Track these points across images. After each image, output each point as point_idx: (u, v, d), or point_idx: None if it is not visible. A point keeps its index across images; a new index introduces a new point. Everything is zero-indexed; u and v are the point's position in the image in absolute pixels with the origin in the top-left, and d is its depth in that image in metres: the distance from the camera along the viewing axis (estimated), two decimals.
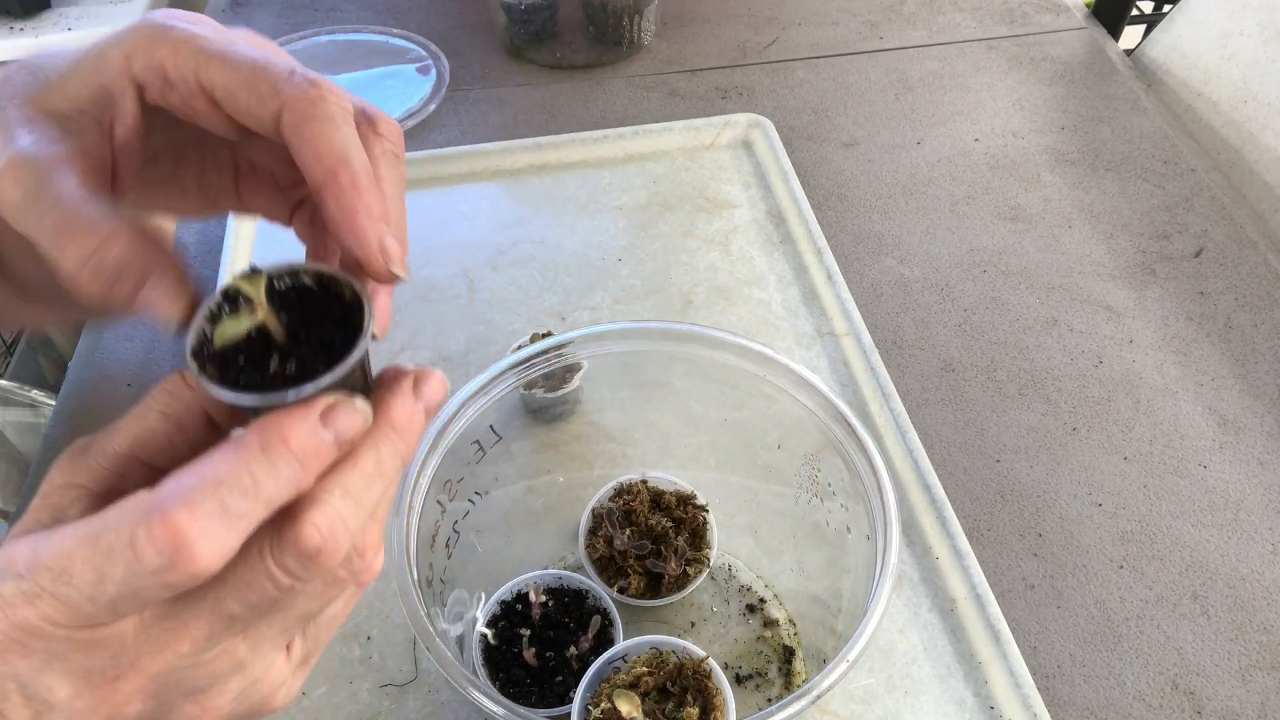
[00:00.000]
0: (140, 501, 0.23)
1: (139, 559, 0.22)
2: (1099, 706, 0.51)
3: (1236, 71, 0.85)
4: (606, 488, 0.55)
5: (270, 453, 0.24)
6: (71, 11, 1.46)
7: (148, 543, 0.22)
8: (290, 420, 0.24)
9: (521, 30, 0.94)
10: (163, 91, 0.29)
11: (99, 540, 0.23)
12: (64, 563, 0.23)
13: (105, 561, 0.22)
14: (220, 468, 0.23)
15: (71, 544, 0.23)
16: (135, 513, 0.23)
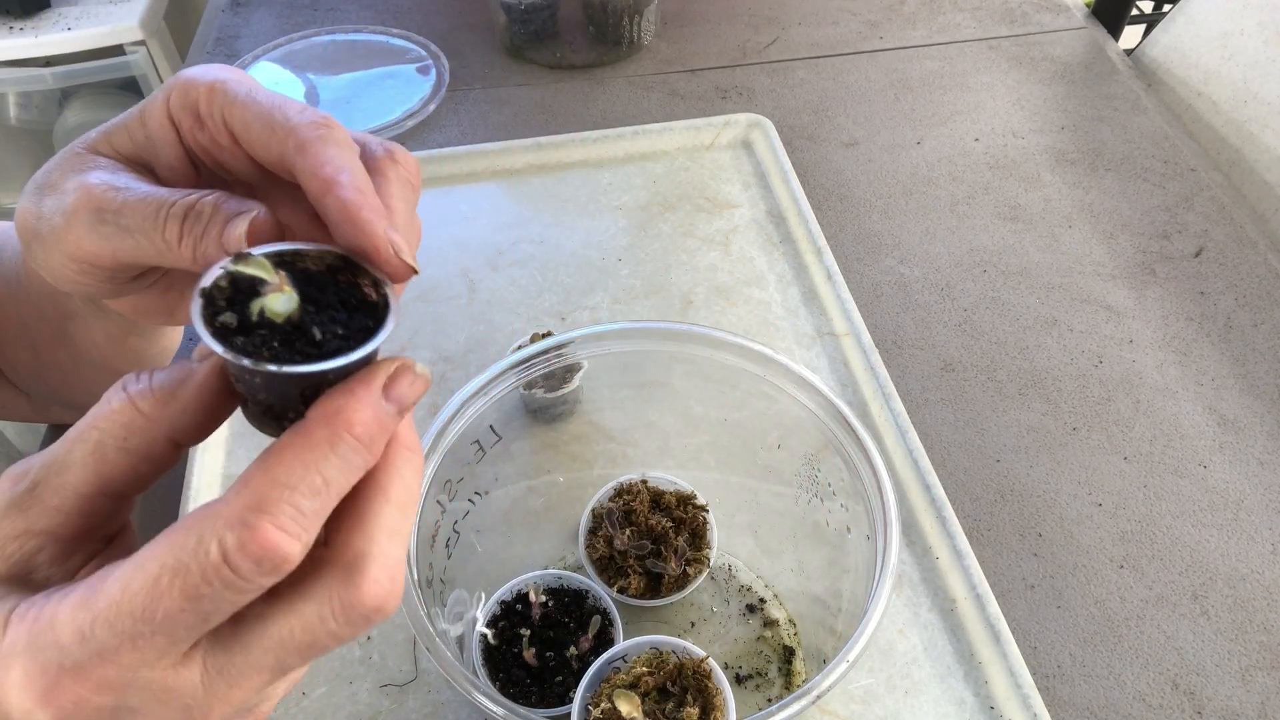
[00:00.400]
0: (213, 519, 0.23)
1: (234, 573, 0.22)
2: (1099, 706, 0.51)
3: (1236, 71, 0.85)
4: (606, 488, 0.55)
5: (338, 446, 0.24)
6: (71, 11, 1.46)
7: (241, 557, 0.22)
8: (354, 404, 0.24)
9: (521, 30, 0.94)
10: (193, 130, 0.31)
11: (183, 569, 0.22)
12: (144, 602, 0.22)
13: (198, 584, 0.22)
14: (290, 469, 0.23)
15: (148, 583, 0.22)
16: (218, 531, 0.22)
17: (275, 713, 0.50)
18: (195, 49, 1.00)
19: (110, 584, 0.23)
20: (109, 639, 0.22)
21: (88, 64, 1.47)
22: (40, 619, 0.23)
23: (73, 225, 0.30)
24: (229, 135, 0.30)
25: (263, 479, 0.23)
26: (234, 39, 0.98)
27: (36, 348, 0.48)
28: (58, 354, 0.48)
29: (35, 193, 0.33)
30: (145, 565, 0.22)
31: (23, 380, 0.53)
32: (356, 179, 0.28)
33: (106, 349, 0.46)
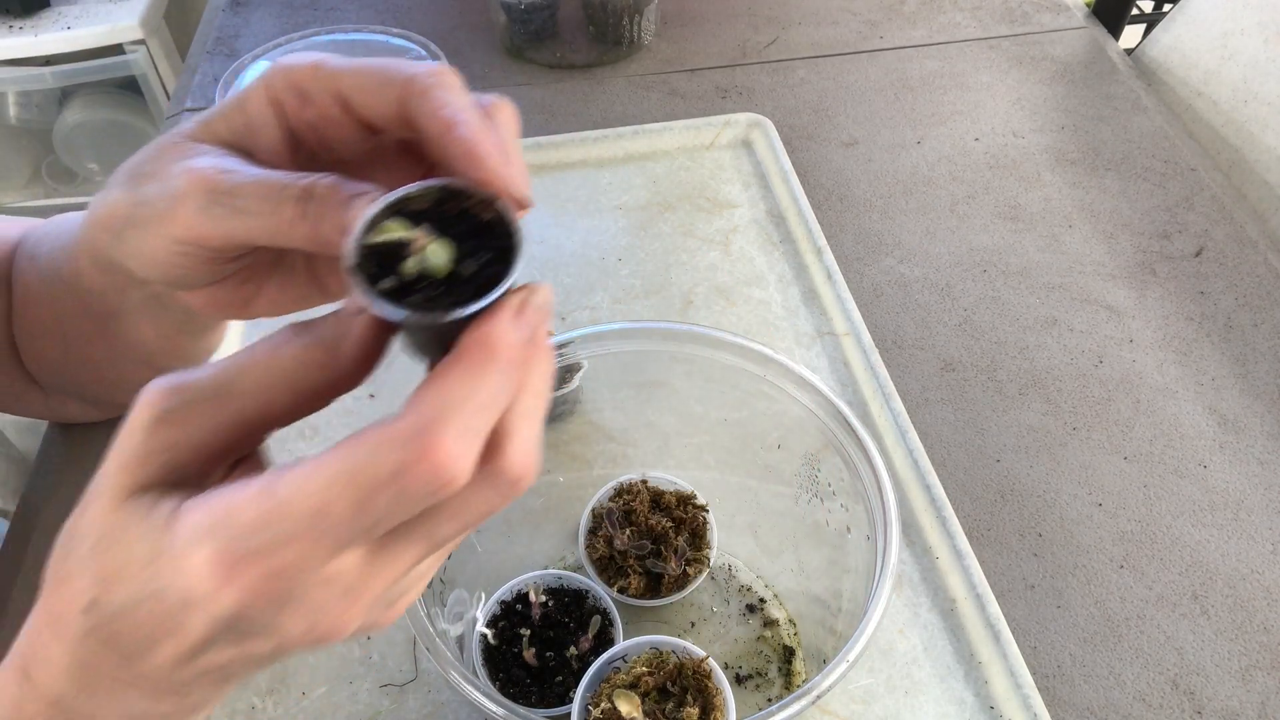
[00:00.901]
0: (390, 436, 0.24)
1: (408, 487, 0.24)
2: (1099, 706, 0.51)
3: (1237, 71, 0.85)
4: (606, 488, 0.55)
5: (494, 367, 0.25)
6: (71, 10, 1.46)
7: (416, 473, 0.24)
8: (499, 331, 0.25)
9: (521, 30, 0.93)
10: (299, 108, 0.32)
11: (357, 478, 0.24)
12: (318, 504, 0.24)
13: (369, 494, 0.24)
14: (457, 390, 0.25)
15: (322, 487, 0.24)
16: (395, 447, 0.24)
17: (275, 712, 0.50)
18: (195, 48, 1.00)
19: (287, 483, 0.24)
20: (283, 532, 0.24)
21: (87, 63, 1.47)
22: (217, 509, 0.25)
23: (182, 207, 0.31)
24: (340, 104, 0.31)
25: (432, 401, 0.24)
26: (234, 38, 0.98)
27: (69, 342, 0.48)
28: (94, 349, 0.48)
29: (130, 181, 0.34)
30: (321, 470, 0.24)
31: (45, 375, 0.54)
32: (474, 118, 0.29)
33: (154, 345, 0.46)
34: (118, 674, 0.28)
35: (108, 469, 0.27)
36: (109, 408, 0.60)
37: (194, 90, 0.92)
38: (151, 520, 0.26)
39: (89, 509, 0.27)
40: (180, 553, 0.25)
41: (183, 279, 0.35)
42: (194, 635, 0.26)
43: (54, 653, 0.28)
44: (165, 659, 0.27)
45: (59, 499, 0.60)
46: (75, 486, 0.64)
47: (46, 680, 0.28)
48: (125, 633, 0.27)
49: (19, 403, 0.57)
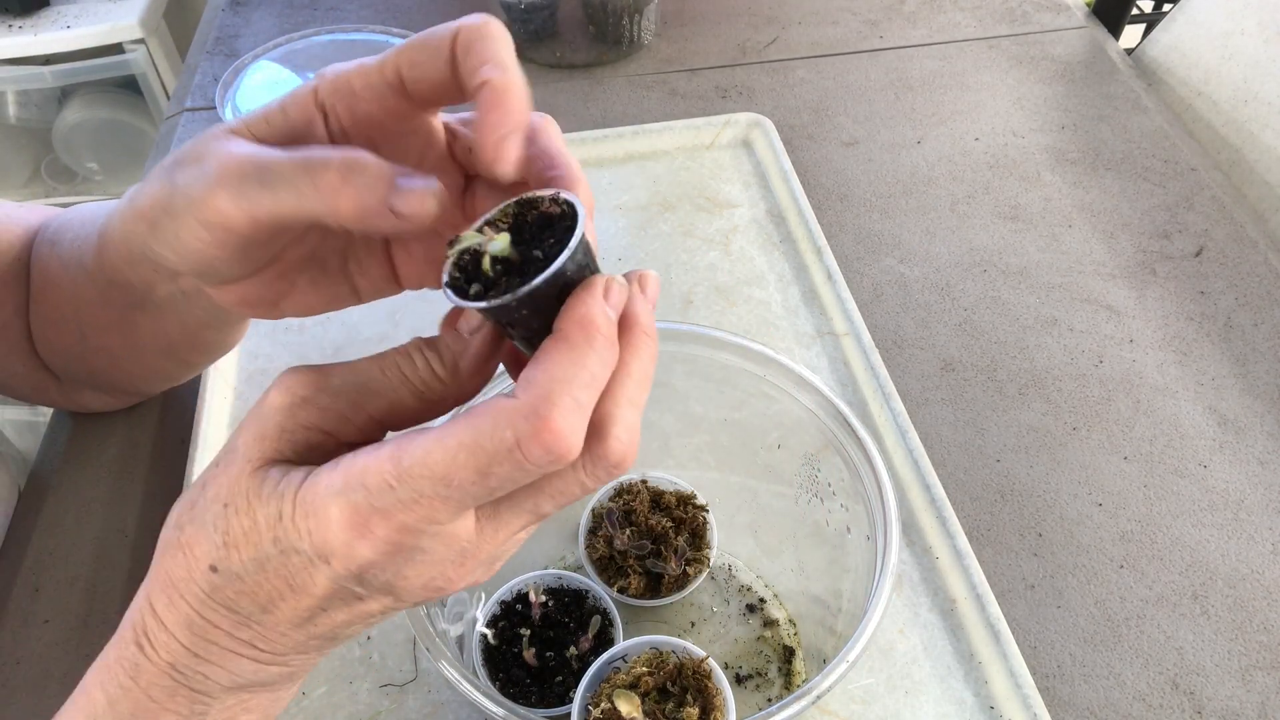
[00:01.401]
0: (508, 411, 0.26)
1: (526, 458, 0.26)
2: (1099, 706, 0.51)
3: (1237, 71, 0.85)
4: (606, 488, 0.55)
5: (593, 344, 0.27)
6: (70, 10, 1.46)
7: (534, 445, 0.26)
8: (594, 309, 0.28)
9: (521, 30, 0.93)
10: (351, 106, 0.33)
11: (479, 449, 0.26)
12: (443, 470, 0.26)
13: (490, 463, 0.26)
14: (564, 368, 0.27)
15: (447, 455, 0.26)
16: (513, 421, 0.26)
17: None
18: (195, 48, 1.00)
19: (414, 450, 0.27)
20: (409, 493, 0.27)
21: (87, 62, 1.47)
22: (351, 471, 0.27)
23: (215, 191, 0.32)
24: (393, 87, 0.32)
25: (542, 378, 0.27)
26: (234, 38, 0.98)
27: (85, 331, 0.49)
28: (111, 339, 0.48)
29: (167, 172, 0.34)
30: (446, 439, 0.27)
31: (60, 362, 0.54)
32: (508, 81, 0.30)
33: (177, 338, 0.47)
34: (235, 635, 0.30)
35: (244, 440, 0.29)
36: (124, 396, 0.61)
37: (194, 90, 0.92)
38: (282, 486, 0.28)
39: (221, 475, 0.29)
40: (315, 509, 0.27)
41: (216, 270, 0.35)
42: (317, 593, 0.29)
43: (171, 618, 0.30)
44: (284, 618, 0.30)
45: (59, 498, 0.60)
46: (75, 485, 0.64)
47: (163, 645, 0.30)
48: (247, 593, 0.29)
49: (35, 392, 0.57)
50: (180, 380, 0.59)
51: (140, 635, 0.31)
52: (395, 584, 0.29)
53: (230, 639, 0.30)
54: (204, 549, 0.29)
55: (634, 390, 0.29)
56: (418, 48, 0.32)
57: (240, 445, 0.29)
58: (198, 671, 0.31)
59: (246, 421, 0.30)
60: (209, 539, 0.29)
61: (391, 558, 0.28)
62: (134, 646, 0.31)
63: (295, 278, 0.38)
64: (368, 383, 0.29)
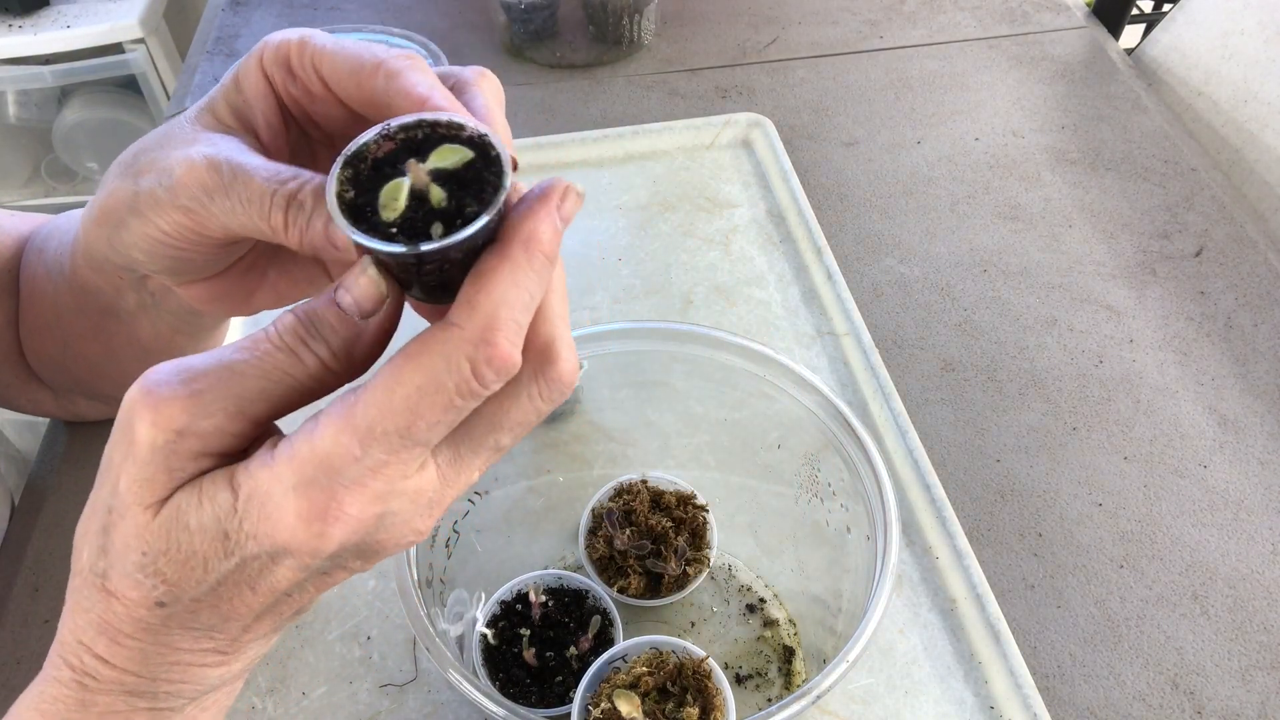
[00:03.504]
0: (459, 343, 0.26)
1: (481, 384, 0.26)
2: (1099, 706, 0.51)
3: (1237, 71, 0.85)
4: (606, 488, 0.55)
5: (534, 263, 0.27)
6: (70, 9, 1.46)
7: (488, 370, 0.26)
8: (541, 225, 0.27)
9: (521, 29, 0.93)
10: (286, 84, 0.33)
11: (440, 388, 0.26)
12: (406, 420, 0.26)
13: (451, 399, 0.26)
14: (505, 289, 0.26)
15: (407, 404, 0.26)
16: (467, 352, 0.26)
17: (275, 712, 0.50)
18: (195, 48, 1.00)
19: (367, 410, 0.26)
20: (377, 457, 0.26)
21: (87, 62, 1.47)
22: (295, 458, 0.26)
23: (178, 198, 0.32)
24: (321, 83, 0.32)
25: (486, 301, 0.26)
26: (234, 38, 0.98)
27: (68, 340, 0.48)
28: (90, 347, 0.48)
29: (128, 172, 0.35)
30: (397, 389, 0.26)
31: (48, 373, 0.54)
32: (446, 94, 0.30)
33: (151, 344, 0.47)
34: (196, 648, 0.29)
35: (128, 486, 0.27)
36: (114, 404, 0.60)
37: (194, 90, 0.92)
38: (210, 505, 0.27)
39: (120, 524, 0.28)
40: (267, 514, 0.26)
41: (185, 268, 0.36)
42: (281, 585, 0.28)
43: (119, 656, 0.29)
44: (247, 616, 0.29)
45: (59, 498, 0.60)
46: (75, 485, 0.64)
47: (113, 680, 0.29)
48: (205, 609, 0.28)
49: (31, 404, 0.58)
50: None
51: (81, 675, 0.29)
52: (367, 552, 0.29)
53: (193, 653, 0.30)
54: (140, 594, 0.28)
55: (562, 307, 0.30)
56: (342, 62, 0.32)
57: (126, 492, 0.27)
58: (161, 691, 0.30)
59: (119, 461, 0.28)
60: (141, 585, 0.28)
61: (365, 531, 0.28)
62: (75, 686, 0.29)
63: (265, 269, 0.38)
64: (245, 393, 0.27)
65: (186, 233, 0.33)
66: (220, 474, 0.27)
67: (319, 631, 0.53)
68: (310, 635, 0.53)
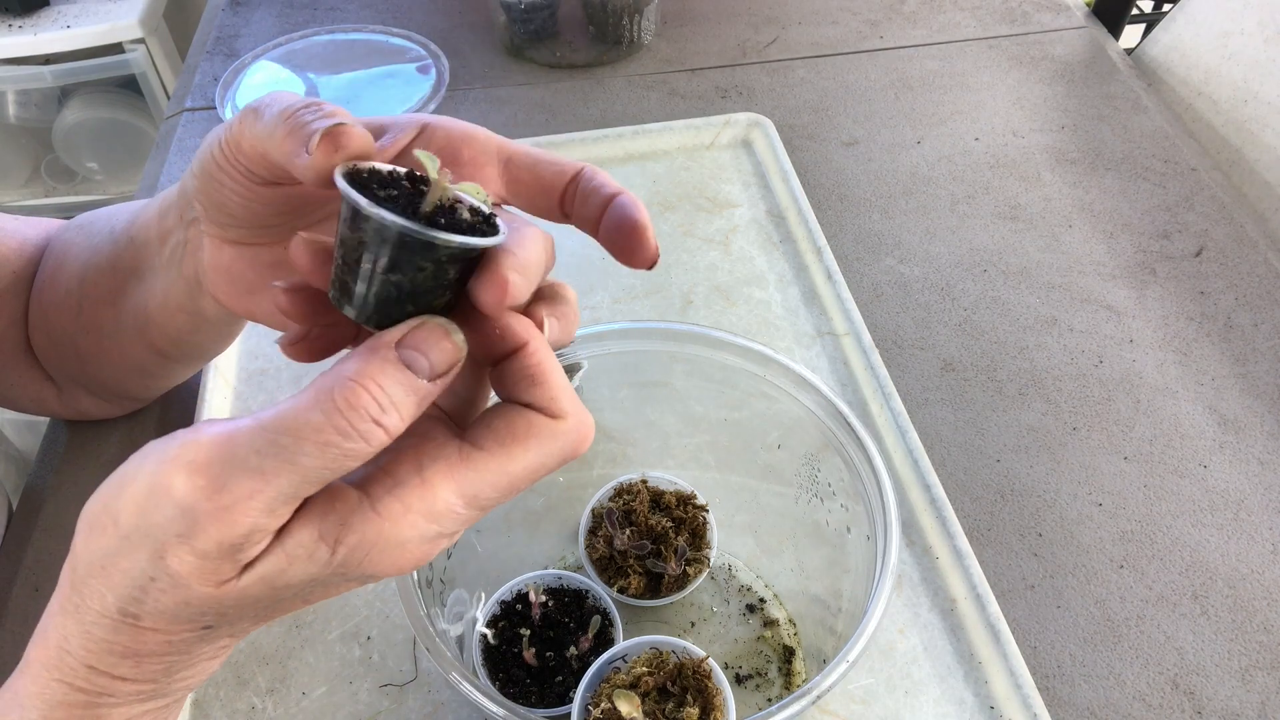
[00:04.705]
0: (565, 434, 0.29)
1: (575, 458, 0.30)
2: (1099, 706, 0.51)
3: (1237, 71, 0.85)
4: (606, 488, 0.55)
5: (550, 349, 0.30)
6: (70, 9, 1.46)
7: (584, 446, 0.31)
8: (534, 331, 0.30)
9: (521, 29, 0.93)
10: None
11: (543, 468, 0.30)
12: (509, 492, 0.29)
13: (546, 473, 0.30)
14: (559, 373, 0.30)
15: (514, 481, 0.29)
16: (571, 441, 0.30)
17: (275, 712, 0.50)
18: (195, 48, 1.00)
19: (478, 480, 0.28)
20: (477, 514, 0.29)
21: (87, 62, 1.47)
22: (410, 514, 0.28)
23: (230, 123, 0.34)
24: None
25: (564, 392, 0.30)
26: (234, 38, 0.98)
27: (83, 305, 0.52)
28: (104, 313, 0.52)
29: None
30: (511, 465, 0.29)
31: (54, 357, 0.56)
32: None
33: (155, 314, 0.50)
34: (214, 644, 0.30)
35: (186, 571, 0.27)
36: (119, 401, 0.61)
37: (194, 90, 0.92)
38: (303, 566, 0.28)
39: (171, 594, 0.27)
40: (382, 562, 0.28)
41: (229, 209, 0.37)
42: (331, 595, 0.30)
43: (143, 672, 0.30)
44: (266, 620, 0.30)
45: (59, 499, 0.60)
46: (75, 486, 0.64)
47: (131, 692, 0.30)
48: (249, 621, 0.30)
49: (34, 403, 0.58)
50: (160, 382, 0.59)
51: (94, 697, 0.29)
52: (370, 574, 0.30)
53: (213, 653, 0.31)
54: (188, 626, 0.28)
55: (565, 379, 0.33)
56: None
57: (186, 575, 0.26)
58: (174, 689, 0.31)
59: (170, 538, 0.26)
60: (195, 621, 0.28)
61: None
62: (84, 707, 0.30)
63: (274, 278, 0.39)
64: (305, 482, 0.26)
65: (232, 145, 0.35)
66: (304, 530, 0.27)
67: (319, 631, 0.53)
68: (310, 635, 0.53)
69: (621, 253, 0.33)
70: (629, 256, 0.33)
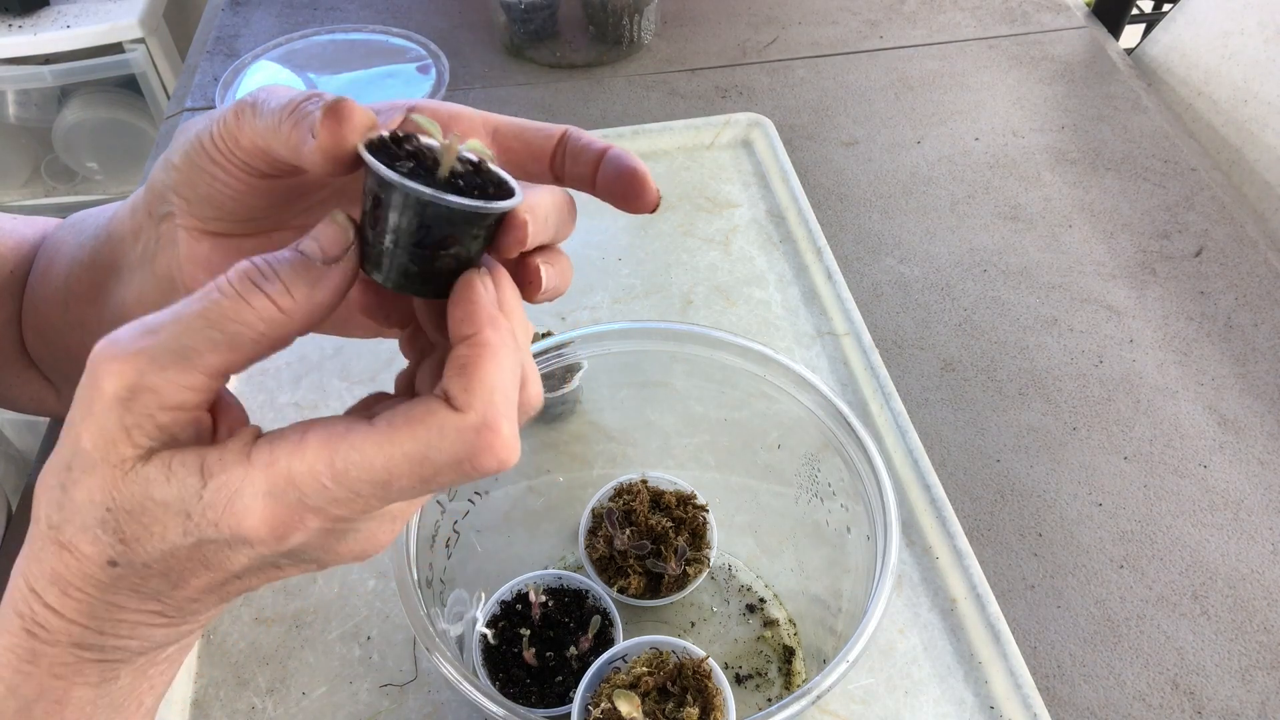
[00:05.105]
0: (458, 427, 0.27)
1: (476, 470, 0.27)
2: (1099, 706, 0.51)
3: (1237, 71, 0.85)
4: (606, 488, 0.55)
5: (509, 346, 0.28)
6: (70, 9, 1.46)
7: (488, 458, 0.27)
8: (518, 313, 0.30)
9: (521, 29, 0.93)
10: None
11: (425, 460, 0.27)
12: (384, 477, 0.27)
13: (436, 473, 0.27)
14: (499, 374, 0.28)
15: (390, 463, 0.27)
16: (464, 436, 0.27)
17: (275, 712, 0.50)
18: (195, 47, 1.00)
19: (351, 454, 0.27)
20: (346, 493, 0.28)
21: (87, 62, 1.47)
22: (273, 467, 0.27)
23: (222, 117, 0.34)
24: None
25: (483, 387, 0.27)
26: (234, 38, 0.98)
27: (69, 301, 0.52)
28: (87, 310, 0.51)
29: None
30: (388, 448, 0.27)
31: (45, 353, 0.56)
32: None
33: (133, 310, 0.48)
34: (143, 609, 0.30)
35: (93, 442, 0.28)
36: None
37: (194, 90, 0.92)
38: (177, 483, 0.28)
39: (85, 479, 0.28)
40: (234, 510, 0.27)
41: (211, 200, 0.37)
42: (234, 568, 0.29)
43: (68, 607, 0.30)
44: (196, 589, 0.30)
45: None
46: None
47: (61, 630, 0.30)
48: (156, 575, 0.29)
49: (33, 402, 0.59)
50: None
51: (31, 624, 0.30)
52: (324, 558, 0.30)
53: (139, 614, 0.31)
54: (95, 549, 0.29)
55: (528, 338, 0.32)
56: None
57: (92, 449, 0.28)
58: (109, 645, 0.31)
59: (81, 418, 0.28)
60: (98, 540, 0.29)
61: (324, 540, 0.29)
62: (24, 635, 0.30)
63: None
64: (195, 343, 0.28)
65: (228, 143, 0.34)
66: (191, 455, 0.28)
67: (319, 631, 0.53)
68: (310, 635, 0.53)
69: (623, 199, 0.33)
70: (631, 202, 0.33)
